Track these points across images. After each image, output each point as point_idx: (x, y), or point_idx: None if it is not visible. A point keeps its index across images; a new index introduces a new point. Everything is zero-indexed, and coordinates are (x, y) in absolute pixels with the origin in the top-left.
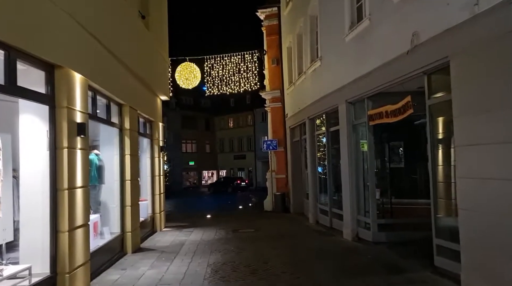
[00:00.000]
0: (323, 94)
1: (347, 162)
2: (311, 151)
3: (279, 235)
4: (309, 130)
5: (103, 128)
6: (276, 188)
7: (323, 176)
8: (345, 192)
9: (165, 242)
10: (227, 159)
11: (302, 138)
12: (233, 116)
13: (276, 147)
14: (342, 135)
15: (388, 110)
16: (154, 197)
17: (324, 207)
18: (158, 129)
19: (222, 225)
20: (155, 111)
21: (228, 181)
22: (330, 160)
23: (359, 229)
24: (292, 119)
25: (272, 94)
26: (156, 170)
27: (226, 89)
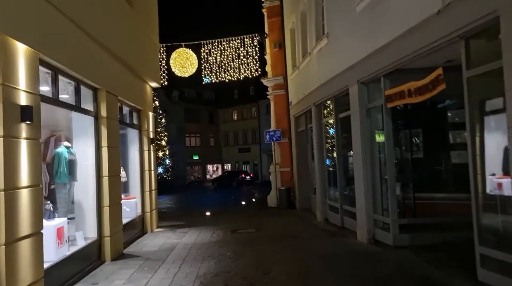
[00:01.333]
0: (331, 76)
1: (360, 152)
2: (318, 141)
3: (283, 236)
4: (315, 118)
5: (76, 117)
6: (280, 182)
7: (332, 169)
8: (358, 187)
9: (153, 245)
10: (232, 152)
11: (308, 128)
12: (237, 108)
13: (279, 137)
14: (354, 121)
15: (412, 88)
16: (144, 194)
17: (334, 203)
18: (147, 120)
19: (221, 224)
20: (144, 99)
21: (233, 175)
22: (340, 151)
23: (376, 230)
24: (296, 107)
25: (275, 81)
26: (146, 164)
27: (224, 76)
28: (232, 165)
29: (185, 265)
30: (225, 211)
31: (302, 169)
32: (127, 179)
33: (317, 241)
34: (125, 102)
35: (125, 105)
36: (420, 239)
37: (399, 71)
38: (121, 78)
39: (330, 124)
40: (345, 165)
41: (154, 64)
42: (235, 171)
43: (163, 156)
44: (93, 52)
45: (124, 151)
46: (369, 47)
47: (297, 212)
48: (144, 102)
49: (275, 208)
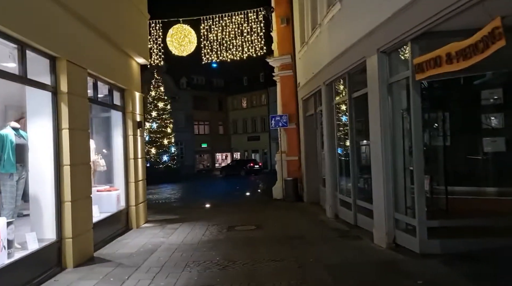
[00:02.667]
0: (345, 47)
1: (379, 138)
2: (329, 125)
3: (286, 235)
4: (325, 99)
5: (30, 92)
6: (287, 172)
7: (345, 158)
8: (376, 180)
9: (132, 246)
10: (241, 141)
11: (317, 112)
12: (246, 95)
13: (286, 123)
14: (371, 101)
15: (453, 50)
16: (128, 185)
17: (346, 198)
18: (133, 100)
19: (218, 219)
20: (128, 77)
21: (241, 163)
22: (354, 137)
23: (397, 232)
24: (305, 88)
25: (282, 60)
26: (131, 151)
27: (226, 56)
28: (241, 153)
29: (161, 275)
30: (227, 202)
31: (310, 157)
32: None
33: (325, 243)
34: (101, 79)
35: (101, 82)
36: (454, 246)
37: (431, 35)
38: (93, 49)
39: (343, 106)
40: (360, 153)
41: (141, 37)
42: (243, 159)
43: (168, 143)
44: (47, 11)
45: (104, 136)
46: (392, 5)
47: (304, 206)
48: (128, 80)
49: (280, 201)
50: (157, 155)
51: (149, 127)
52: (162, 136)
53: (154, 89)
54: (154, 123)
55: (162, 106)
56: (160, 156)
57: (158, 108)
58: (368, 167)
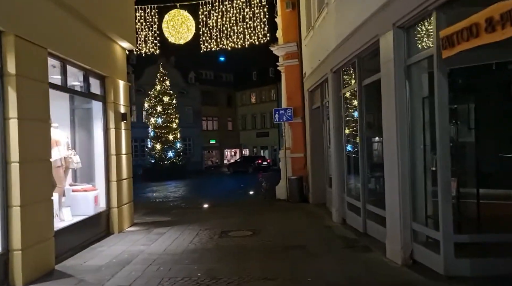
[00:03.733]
0: (355, 27)
1: (394, 132)
2: (336, 118)
3: (285, 244)
4: (332, 89)
5: None
6: (291, 171)
7: (354, 155)
8: (389, 181)
9: (105, 256)
10: (250, 137)
11: (323, 103)
12: (255, 90)
13: (291, 117)
14: (385, 87)
15: (497, 14)
16: (110, 184)
17: (354, 201)
18: (116, 90)
19: (213, 221)
20: (110, 63)
21: (249, 160)
22: (364, 131)
23: (415, 246)
24: (311, 78)
25: (286, 48)
26: (112, 146)
27: (226, 43)
28: (250, 149)
29: None
30: (227, 202)
31: (316, 154)
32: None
33: (329, 256)
34: (71, 62)
35: (72, 66)
36: (488, 267)
37: (459, 3)
38: (59, 27)
39: (352, 96)
40: (371, 150)
41: (126, 18)
42: (251, 156)
43: (173, 139)
44: None
45: (79, 129)
46: None
47: (309, 208)
48: (110, 66)
49: (284, 201)
50: (162, 151)
51: (154, 122)
52: (167, 131)
53: (159, 83)
54: (159, 118)
55: (167, 100)
56: (165, 152)
57: (164, 103)
58: (380, 166)
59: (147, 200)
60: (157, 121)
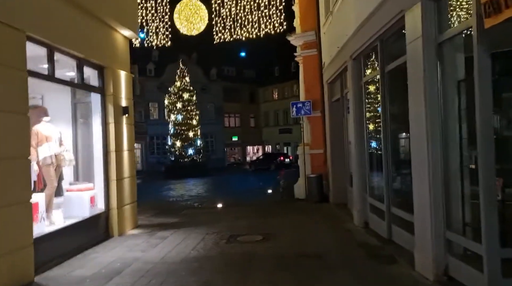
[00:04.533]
0: (376, 4)
1: (423, 124)
2: (356, 111)
3: (298, 253)
4: (352, 78)
5: None
6: (310, 168)
7: (377, 151)
8: (418, 181)
9: (96, 265)
10: (272, 133)
11: (343, 95)
12: (278, 86)
13: (310, 111)
14: (412, 72)
15: None
16: (109, 184)
17: (377, 203)
18: (116, 81)
19: (223, 224)
20: (110, 52)
21: (271, 157)
22: (388, 123)
23: (451, 260)
24: (330, 68)
25: (304, 37)
26: (112, 143)
27: (241, 33)
28: (272, 146)
29: None
30: (242, 202)
31: (337, 150)
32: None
33: (348, 268)
34: (60, 50)
35: (61, 53)
36: None
37: None
38: (42, 9)
39: (374, 85)
40: (396, 145)
41: (126, 4)
42: (273, 153)
43: (194, 136)
44: None
45: (82, 124)
46: None
47: (329, 209)
48: (109, 56)
49: (302, 201)
50: (182, 148)
51: (174, 119)
52: (187, 128)
53: (179, 80)
54: (179, 115)
55: (187, 97)
56: (185, 149)
57: (183, 100)
58: (407, 163)
59: (161, 198)
60: (177, 118)
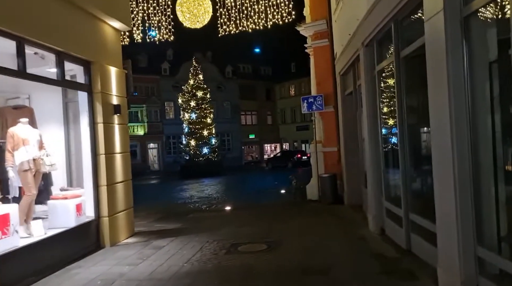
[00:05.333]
0: None
1: (447, 116)
2: (370, 103)
3: (304, 266)
4: (365, 66)
5: None
6: (324, 167)
7: (393, 147)
8: (441, 186)
9: (73, 283)
10: (290, 131)
11: (357, 87)
12: (294, 83)
13: (322, 105)
14: (432, 53)
15: None
16: (99, 189)
17: (394, 208)
18: (105, 77)
19: (227, 230)
20: (97, 47)
21: (288, 155)
22: (404, 117)
23: (482, 281)
24: (342, 59)
25: (315, 27)
26: (101, 145)
27: (246, 25)
28: (290, 144)
29: None
30: (253, 204)
31: (351, 148)
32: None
33: None
34: (32, 42)
35: (34, 46)
36: None
37: None
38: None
39: (389, 73)
40: (415, 142)
41: None
42: (290, 151)
43: (208, 135)
44: None
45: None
46: None
47: (343, 211)
48: (97, 50)
49: (315, 203)
50: (196, 147)
51: (188, 118)
52: (202, 127)
53: (192, 78)
54: (193, 113)
55: (201, 95)
56: (200, 148)
57: (197, 98)
58: (428, 161)
59: (170, 200)
60: (191, 117)
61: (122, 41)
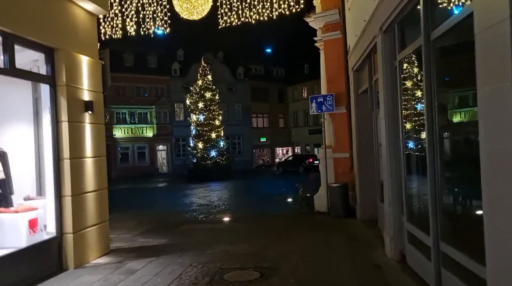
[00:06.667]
0: None
1: (508, 111)
2: (388, 100)
3: None
4: (383, 56)
5: None
6: (334, 175)
7: (418, 155)
8: (497, 215)
9: None
10: (302, 134)
11: (373, 83)
12: (307, 84)
13: (332, 106)
14: (484, 24)
15: None
16: (62, 200)
17: (419, 232)
18: (73, 68)
19: (217, 249)
20: (63, 31)
21: (299, 159)
22: (435, 115)
23: None
24: (356, 52)
25: (326, 17)
26: (65, 148)
27: (249, 16)
28: (302, 147)
29: None
30: (254, 215)
31: (365, 154)
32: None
33: None
34: None
35: None
36: None
37: None
38: None
39: (414, 62)
40: (449, 147)
41: None
42: (302, 155)
43: (216, 137)
44: None
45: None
46: None
47: (355, 227)
48: (62, 35)
49: (323, 215)
50: (204, 150)
51: (196, 119)
52: (210, 129)
53: (201, 78)
54: (201, 115)
55: (209, 96)
56: (208, 151)
57: (205, 99)
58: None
59: (167, 207)
60: (198, 119)
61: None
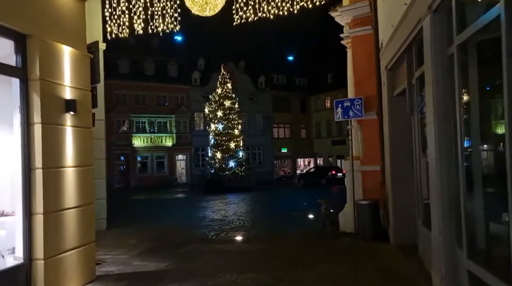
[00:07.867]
0: None
1: None
2: (441, 99)
3: None
4: (433, 43)
5: None
6: (362, 191)
7: (483, 170)
8: None
9: None
10: (325, 145)
11: (414, 81)
12: (330, 94)
13: (361, 111)
14: None
15: None
16: (31, 219)
17: (490, 278)
18: (50, 60)
19: (219, 280)
20: (40, 15)
21: (322, 171)
22: None
23: None
24: (391, 47)
25: (354, 11)
26: (37, 155)
27: (267, 10)
28: (324, 159)
29: None
30: (270, 232)
31: (401, 167)
32: None
33: None
34: None
35: None
36: None
37: None
38: None
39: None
40: None
41: None
42: (324, 166)
43: (235, 147)
44: None
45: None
46: None
47: (387, 253)
48: (36, 19)
49: (350, 237)
50: (222, 160)
51: (215, 129)
52: (228, 139)
53: (220, 86)
54: (219, 124)
55: (228, 105)
56: (226, 161)
57: (225, 108)
58: None
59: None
60: (217, 128)
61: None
